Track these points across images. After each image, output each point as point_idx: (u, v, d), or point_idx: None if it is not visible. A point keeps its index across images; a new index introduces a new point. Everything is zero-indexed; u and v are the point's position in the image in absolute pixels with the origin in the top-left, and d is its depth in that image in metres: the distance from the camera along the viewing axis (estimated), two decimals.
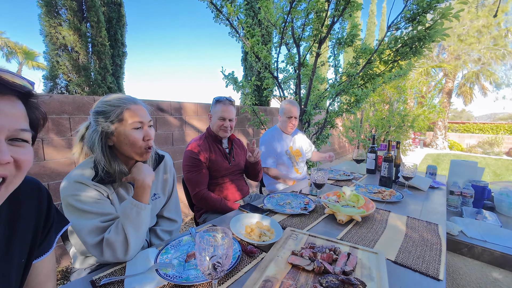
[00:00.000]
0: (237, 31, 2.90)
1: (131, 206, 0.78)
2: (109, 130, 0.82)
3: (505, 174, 6.30)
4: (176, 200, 1.16)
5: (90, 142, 0.83)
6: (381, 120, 5.60)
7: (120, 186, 0.90)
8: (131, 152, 0.85)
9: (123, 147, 0.84)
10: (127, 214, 0.77)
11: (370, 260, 0.79)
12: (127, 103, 0.84)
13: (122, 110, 0.82)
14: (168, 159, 1.13)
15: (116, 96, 0.86)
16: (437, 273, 0.75)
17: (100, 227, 0.78)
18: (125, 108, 0.83)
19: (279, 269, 0.74)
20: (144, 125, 0.86)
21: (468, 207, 1.63)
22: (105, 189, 0.84)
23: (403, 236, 0.99)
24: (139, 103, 0.87)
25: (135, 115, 0.83)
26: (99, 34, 2.83)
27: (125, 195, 0.91)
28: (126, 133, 0.82)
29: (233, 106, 1.54)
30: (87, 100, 2.25)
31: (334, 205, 1.16)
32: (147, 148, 0.87)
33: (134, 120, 0.83)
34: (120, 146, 0.84)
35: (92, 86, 2.94)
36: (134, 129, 0.83)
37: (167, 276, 0.68)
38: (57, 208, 0.61)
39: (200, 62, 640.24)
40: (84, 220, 0.76)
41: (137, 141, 0.83)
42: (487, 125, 13.95)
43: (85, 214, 0.77)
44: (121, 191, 0.90)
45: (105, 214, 0.81)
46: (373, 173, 2.07)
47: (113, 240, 0.74)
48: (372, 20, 12.91)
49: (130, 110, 0.83)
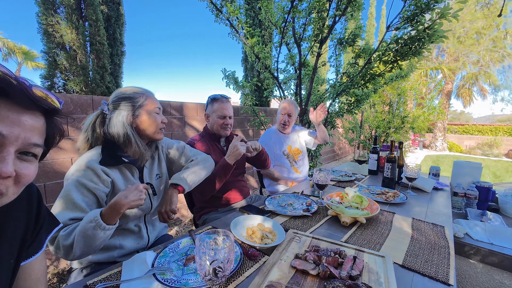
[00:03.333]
0: (237, 30, 2.88)
1: (91, 219, 0.75)
2: (136, 112, 0.94)
3: (504, 176, 6.29)
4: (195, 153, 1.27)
5: (114, 126, 0.91)
6: (381, 121, 5.59)
7: (125, 167, 0.96)
8: (151, 132, 0.99)
9: (145, 127, 0.97)
10: (84, 226, 0.74)
11: (377, 264, 0.76)
12: (149, 92, 1.01)
13: (146, 97, 0.98)
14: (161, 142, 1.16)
15: (134, 87, 0.99)
16: (447, 278, 0.72)
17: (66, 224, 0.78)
18: (148, 96, 0.99)
19: (283, 273, 0.71)
20: (160, 111, 1.03)
21: (473, 208, 1.60)
22: (111, 172, 0.90)
23: (409, 239, 0.95)
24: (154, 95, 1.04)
25: (156, 102, 1.01)
26: (98, 32, 2.80)
27: (129, 176, 0.97)
28: (151, 115, 0.98)
29: (230, 103, 1.52)
30: (85, 99, 2.21)
31: (337, 206, 1.13)
32: (162, 129, 1.03)
33: (155, 106, 1.00)
34: (143, 127, 0.97)
35: (90, 85, 2.90)
36: (156, 113, 1.00)
37: (165, 281, 0.65)
38: (48, 209, 0.58)
39: (200, 63, 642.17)
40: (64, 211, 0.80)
41: (157, 122, 1.00)
42: (486, 126, 13.98)
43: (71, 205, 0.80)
44: (127, 172, 0.96)
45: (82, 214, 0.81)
46: (375, 174, 2.04)
47: (60, 242, 0.75)
48: (371, 22, 12.94)
49: (151, 98, 1.00)
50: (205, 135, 1.53)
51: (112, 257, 0.95)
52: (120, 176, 0.93)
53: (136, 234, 1.02)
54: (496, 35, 9.78)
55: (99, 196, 0.86)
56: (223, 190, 1.49)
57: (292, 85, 3.54)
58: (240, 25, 2.81)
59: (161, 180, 1.12)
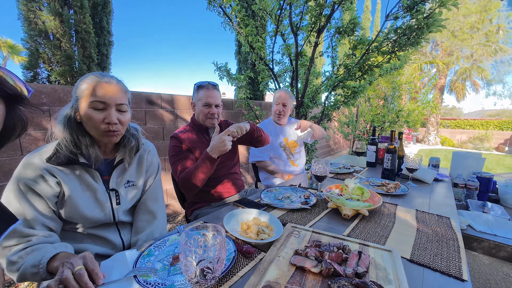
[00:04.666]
0: (230, 19, 2.76)
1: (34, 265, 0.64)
2: (75, 104, 0.77)
3: (496, 168, 6.39)
4: (157, 190, 1.01)
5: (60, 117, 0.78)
6: (376, 115, 5.57)
7: (83, 169, 0.81)
8: (93, 133, 0.79)
9: (84, 124, 0.79)
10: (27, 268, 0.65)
11: (384, 259, 0.69)
12: (101, 78, 0.78)
13: (89, 85, 0.76)
14: (148, 147, 1.01)
15: (95, 74, 0.80)
16: (460, 272, 0.66)
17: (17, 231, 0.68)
18: (95, 84, 0.76)
19: (281, 272, 0.63)
20: (110, 106, 0.78)
21: (473, 199, 1.57)
22: (58, 172, 0.75)
23: (415, 231, 0.89)
24: (112, 82, 0.79)
25: (101, 92, 0.76)
26: (83, 20, 2.64)
27: (89, 180, 0.81)
28: (88, 110, 0.76)
29: (218, 90, 1.38)
30: (68, 90, 2.08)
31: (338, 198, 1.06)
32: (112, 131, 0.79)
33: (98, 99, 0.76)
34: (84, 124, 0.79)
35: (76, 76, 2.76)
36: (96, 108, 0.76)
37: (147, 284, 0.57)
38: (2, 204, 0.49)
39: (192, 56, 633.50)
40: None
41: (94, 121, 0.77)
42: (477, 121, 14.19)
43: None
44: (84, 174, 0.81)
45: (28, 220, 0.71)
46: (373, 166, 1.98)
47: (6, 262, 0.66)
48: (366, 16, 12.88)
49: (97, 88, 0.76)
50: (193, 126, 1.42)
51: None
52: (73, 177, 0.78)
53: (105, 240, 0.87)
54: (489, 29, 9.85)
55: (45, 196, 0.73)
56: (215, 183, 1.41)
57: (288, 77, 3.45)
58: (234, 13, 2.69)
59: (134, 190, 0.93)
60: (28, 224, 0.70)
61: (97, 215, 0.82)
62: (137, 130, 0.95)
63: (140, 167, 0.95)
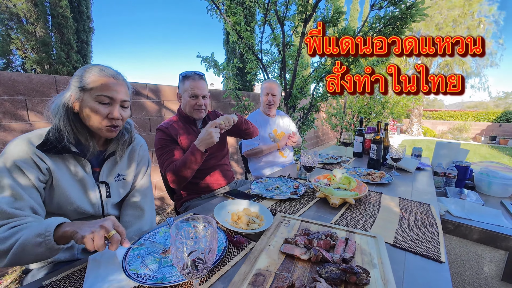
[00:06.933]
0: (217, 6, 2.67)
1: (40, 233, 0.58)
2: (78, 95, 0.75)
3: (472, 158, 6.75)
4: (146, 185, 1.01)
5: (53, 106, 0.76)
6: (363, 106, 5.69)
7: (74, 159, 0.79)
8: (93, 126, 0.78)
9: (84, 116, 0.77)
10: (29, 239, 0.58)
11: (369, 244, 0.72)
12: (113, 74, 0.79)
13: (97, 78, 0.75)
14: (140, 142, 1.00)
15: (101, 66, 0.79)
16: (438, 255, 0.70)
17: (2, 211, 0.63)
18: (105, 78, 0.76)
19: (272, 260, 0.65)
20: (115, 101, 0.79)
21: (451, 187, 1.66)
22: (48, 159, 0.74)
23: (398, 218, 0.94)
24: (119, 78, 0.81)
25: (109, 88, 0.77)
26: (59, 4, 2.47)
27: (78, 170, 0.80)
28: (93, 103, 0.76)
29: (204, 80, 1.34)
30: (46, 80, 1.96)
31: (326, 188, 1.08)
32: (113, 126, 0.79)
33: (106, 94, 0.76)
34: (82, 115, 0.78)
35: (54, 64, 2.60)
36: (102, 103, 0.76)
37: (137, 276, 0.57)
38: None
39: (178, 44, 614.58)
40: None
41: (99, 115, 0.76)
42: (457, 112, 14.85)
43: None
44: (75, 164, 0.79)
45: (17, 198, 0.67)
46: (360, 156, 2.04)
47: None
48: (355, 7, 12.89)
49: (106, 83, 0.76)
50: (180, 118, 1.39)
51: (73, 256, 0.82)
52: (63, 166, 0.76)
53: None
54: (471, 23, 10.16)
55: (33, 180, 0.70)
56: (204, 175, 1.40)
57: (277, 68, 3.42)
58: (221, 0, 2.61)
59: (123, 184, 0.92)
60: (15, 205, 0.66)
61: (85, 206, 0.81)
62: (130, 124, 0.94)
63: (131, 161, 0.95)
